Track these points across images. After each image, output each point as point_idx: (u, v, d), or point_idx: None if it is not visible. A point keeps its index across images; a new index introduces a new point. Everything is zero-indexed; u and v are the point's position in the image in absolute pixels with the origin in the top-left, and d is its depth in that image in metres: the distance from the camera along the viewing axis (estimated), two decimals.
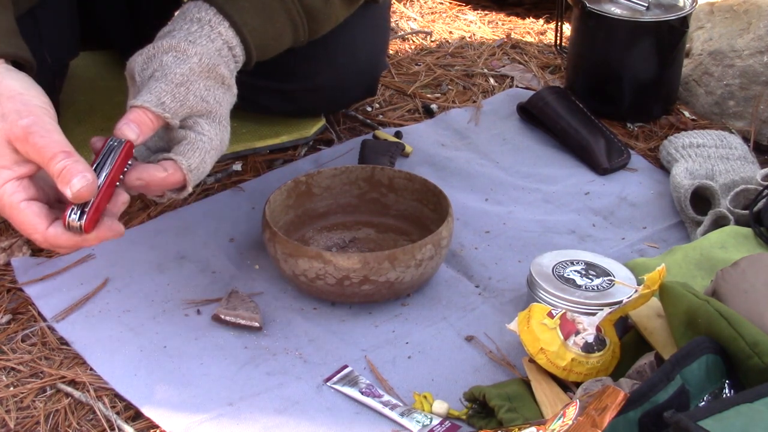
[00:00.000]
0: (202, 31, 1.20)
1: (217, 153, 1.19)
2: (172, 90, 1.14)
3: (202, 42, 1.19)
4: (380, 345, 1.27)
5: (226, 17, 1.21)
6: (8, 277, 1.37)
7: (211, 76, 1.18)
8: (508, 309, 1.32)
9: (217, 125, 1.19)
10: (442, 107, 1.77)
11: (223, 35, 1.21)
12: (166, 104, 1.13)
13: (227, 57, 1.22)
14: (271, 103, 1.60)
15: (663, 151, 1.62)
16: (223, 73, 1.19)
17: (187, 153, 1.15)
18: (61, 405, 1.19)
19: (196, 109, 1.16)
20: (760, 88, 1.69)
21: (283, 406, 1.17)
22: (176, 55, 1.17)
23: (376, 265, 1.26)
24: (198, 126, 1.17)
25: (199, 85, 1.17)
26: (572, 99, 1.71)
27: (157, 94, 1.13)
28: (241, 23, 1.22)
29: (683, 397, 1.02)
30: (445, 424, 1.14)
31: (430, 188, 1.40)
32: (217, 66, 1.19)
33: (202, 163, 1.16)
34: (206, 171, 1.18)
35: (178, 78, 1.15)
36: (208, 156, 1.17)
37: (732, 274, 1.16)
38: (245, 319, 1.28)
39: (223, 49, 1.21)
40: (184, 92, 1.15)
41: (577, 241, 1.46)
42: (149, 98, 1.13)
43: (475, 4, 2.15)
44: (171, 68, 1.15)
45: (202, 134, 1.17)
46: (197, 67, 1.17)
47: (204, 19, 1.20)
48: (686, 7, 1.69)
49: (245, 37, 1.23)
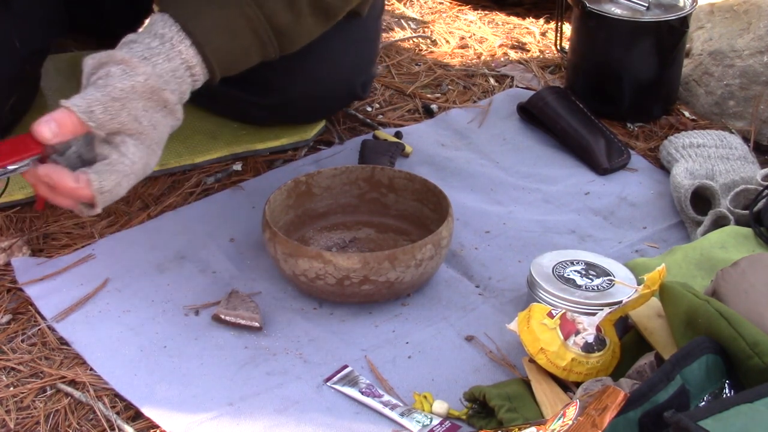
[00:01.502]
0: (162, 48, 1.19)
1: (137, 177, 1.19)
2: (105, 102, 1.14)
3: (158, 61, 1.18)
4: (380, 345, 1.27)
5: (188, 35, 1.20)
6: (8, 277, 1.37)
7: (153, 98, 1.18)
8: (508, 309, 1.32)
9: (145, 149, 1.18)
10: (442, 107, 1.77)
11: (183, 54, 1.20)
12: (95, 114, 1.13)
13: (182, 78, 1.21)
14: (259, 115, 1.60)
15: (663, 151, 1.62)
16: (167, 97, 1.19)
17: (104, 174, 1.15)
18: (61, 405, 1.19)
19: (126, 127, 1.16)
20: (760, 88, 1.69)
21: (283, 406, 1.17)
22: (124, 69, 1.16)
23: (376, 265, 1.26)
24: (124, 146, 1.16)
25: (137, 105, 1.16)
26: (572, 99, 1.71)
27: (89, 101, 1.14)
28: (203, 42, 1.21)
29: (683, 397, 1.02)
30: (445, 424, 1.14)
31: (430, 188, 1.40)
32: (163, 90, 1.18)
33: (116, 186, 1.16)
34: (120, 194, 1.18)
35: (116, 92, 1.15)
36: (125, 180, 1.17)
37: (732, 274, 1.16)
38: (245, 319, 1.28)
39: (179, 69, 1.20)
40: (118, 108, 1.15)
41: (577, 241, 1.46)
42: (80, 103, 1.13)
43: (475, 4, 2.15)
44: (114, 81, 1.15)
45: (125, 156, 1.16)
46: (140, 87, 1.16)
47: (166, 36, 1.20)
48: (686, 7, 1.69)
49: (207, 56, 1.22)
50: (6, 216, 1.47)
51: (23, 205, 1.49)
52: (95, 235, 1.44)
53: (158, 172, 1.55)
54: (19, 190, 1.48)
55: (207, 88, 1.26)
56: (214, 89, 1.29)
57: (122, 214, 1.49)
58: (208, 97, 1.35)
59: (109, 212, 1.49)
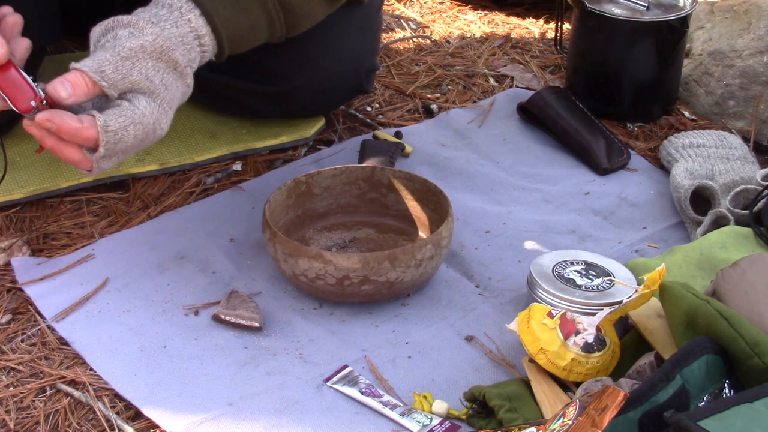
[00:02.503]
0: (170, 16, 1.19)
1: (146, 131, 1.16)
2: (115, 61, 1.13)
3: (166, 25, 1.18)
4: (380, 345, 1.27)
5: (197, 5, 1.20)
6: (8, 277, 1.37)
7: (163, 58, 1.17)
8: (508, 309, 1.32)
9: (157, 106, 1.17)
10: (442, 107, 1.77)
11: (192, 23, 1.20)
12: (106, 73, 1.13)
13: (191, 45, 1.20)
14: (259, 106, 1.60)
15: (663, 151, 1.62)
16: (177, 58, 1.18)
17: (111, 114, 1.13)
18: (61, 405, 1.19)
19: (138, 85, 1.15)
20: (760, 88, 1.69)
21: (283, 406, 1.17)
22: (131, 31, 1.16)
23: (376, 265, 1.26)
24: (136, 99, 1.15)
25: (147, 64, 1.15)
26: (572, 99, 1.71)
27: (99, 61, 1.13)
28: (213, 12, 1.21)
29: (683, 397, 1.02)
30: (445, 424, 1.14)
31: (430, 188, 1.40)
32: (172, 50, 1.17)
33: (122, 129, 1.13)
34: (127, 141, 1.15)
35: (125, 51, 1.14)
36: (132, 127, 1.14)
37: (732, 274, 1.16)
38: (245, 319, 1.28)
39: (187, 36, 1.19)
40: (128, 66, 1.14)
41: (577, 241, 1.46)
42: (90, 64, 1.13)
43: (475, 4, 2.15)
44: (121, 41, 1.15)
45: (135, 106, 1.15)
46: (149, 46, 1.15)
47: (175, 5, 1.19)
48: (686, 7, 1.69)
49: (216, 26, 1.21)
50: (6, 216, 1.47)
51: (23, 204, 1.49)
52: (95, 235, 1.44)
53: (158, 171, 1.55)
54: (19, 189, 1.49)
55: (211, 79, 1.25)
56: (219, 81, 1.28)
57: (122, 214, 1.49)
58: (211, 91, 1.34)
59: (109, 212, 1.49)
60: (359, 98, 1.77)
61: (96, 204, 1.51)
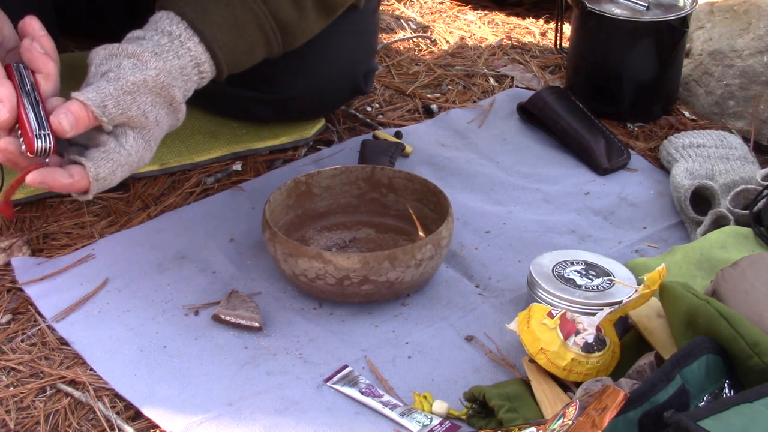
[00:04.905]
0: (171, 46, 1.20)
1: (131, 169, 1.19)
2: (118, 95, 1.14)
3: (168, 57, 1.19)
4: (380, 345, 1.27)
5: (196, 32, 1.21)
6: (8, 277, 1.37)
7: (162, 93, 1.18)
8: (508, 309, 1.32)
9: (144, 143, 1.19)
10: (442, 107, 1.77)
11: (192, 51, 1.21)
12: (107, 108, 1.14)
13: (189, 75, 1.21)
14: (260, 112, 1.60)
15: (663, 151, 1.62)
16: (175, 95, 1.19)
17: (100, 161, 1.15)
18: (61, 405, 1.19)
19: (133, 121, 1.17)
20: (760, 88, 1.69)
21: (283, 406, 1.17)
22: (136, 63, 1.16)
23: (376, 265, 1.26)
24: (124, 137, 1.17)
25: (146, 99, 1.17)
26: (572, 99, 1.71)
27: (102, 95, 1.14)
28: (212, 39, 1.22)
29: (683, 397, 1.02)
30: (445, 424, 1.14)
31: (430, 188, 1.40)
32: (172, 86, 1.18)
33: (111, 174, 1.16)
34: (113, 183, 1.18)
35: (129, 86, 1.15)
36: (119, 170, 1.17)
37: (732, 274, 1.16)
38: (245, 319, 1.28)
39: (187, 66, 1.21)
40: (129, 101, 1.15)
41: (577, 241, 1.46)
42: (94, 97, 1.13)
43: (475, 4, 2.15)
44: (125, 74, 1.15)
45: (122, 147, 1.17)
46: (151, 81, 1.17)
47: (174, 34, 1.20)
48: (686, 7, 1.69)
49: (215, 53, 1.23)
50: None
51: (23, 205, 1.49)
52: (95, 235, 1.44)
53: (158, 171, 1.55)
54: (19, 189, 1.48)
55: (210, 87, 1.26)
56: (217, 89, 1.29)
57: (122, 214, 1.49)
58: (210, 97, 1.35)
59: (109, 212, 1.49)
60: (359, 98, 1.77)
61: (96, 204, 1.51)
